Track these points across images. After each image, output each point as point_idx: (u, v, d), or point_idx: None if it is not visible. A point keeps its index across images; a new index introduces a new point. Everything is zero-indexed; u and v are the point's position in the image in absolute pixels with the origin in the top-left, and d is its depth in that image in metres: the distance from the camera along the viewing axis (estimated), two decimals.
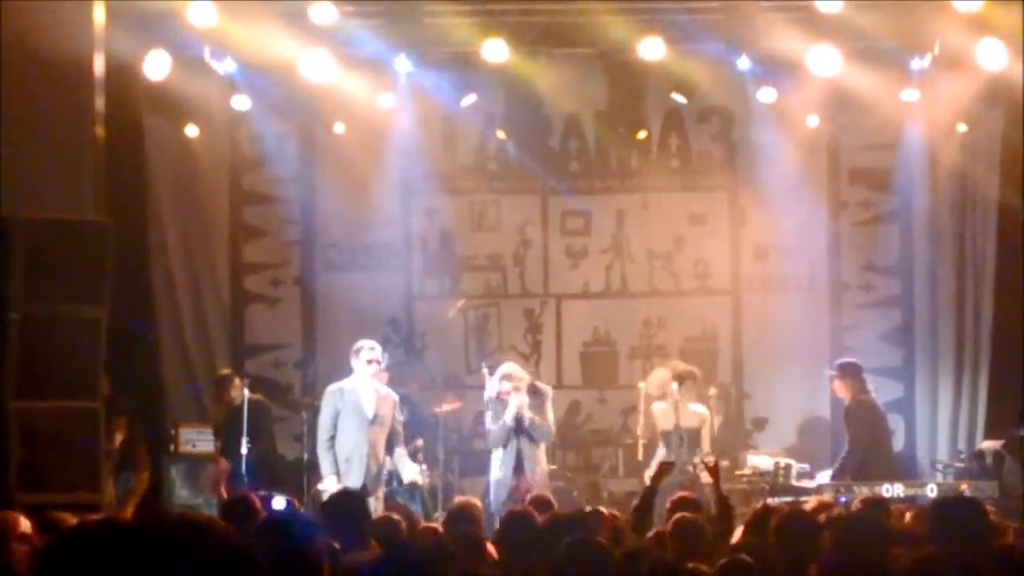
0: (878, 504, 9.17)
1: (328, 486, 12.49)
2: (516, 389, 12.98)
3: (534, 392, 13.09)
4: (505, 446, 12.97)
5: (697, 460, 12.99)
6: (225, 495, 13.41)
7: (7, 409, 11.33)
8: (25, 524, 7.49)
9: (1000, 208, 15.49)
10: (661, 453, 13.50)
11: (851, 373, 13.50)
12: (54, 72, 11.85)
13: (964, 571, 6.48)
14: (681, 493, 10.04)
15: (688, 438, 13.52)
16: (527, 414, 12.93)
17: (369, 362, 12.94)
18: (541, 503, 9.92)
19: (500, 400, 13.02)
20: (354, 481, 12.63)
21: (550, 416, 13.15)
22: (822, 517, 8.09)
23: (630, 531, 8.73)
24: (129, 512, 12.59)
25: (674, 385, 13.63)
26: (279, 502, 8.71)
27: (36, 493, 10.88)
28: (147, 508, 12.65)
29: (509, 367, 13.33)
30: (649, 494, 9.53)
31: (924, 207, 16.07)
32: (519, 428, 12.91)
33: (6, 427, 11.30)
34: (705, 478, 11.77)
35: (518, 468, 12.91)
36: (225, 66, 14.78)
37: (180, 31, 13.76)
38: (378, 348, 13.13)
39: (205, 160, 15.96)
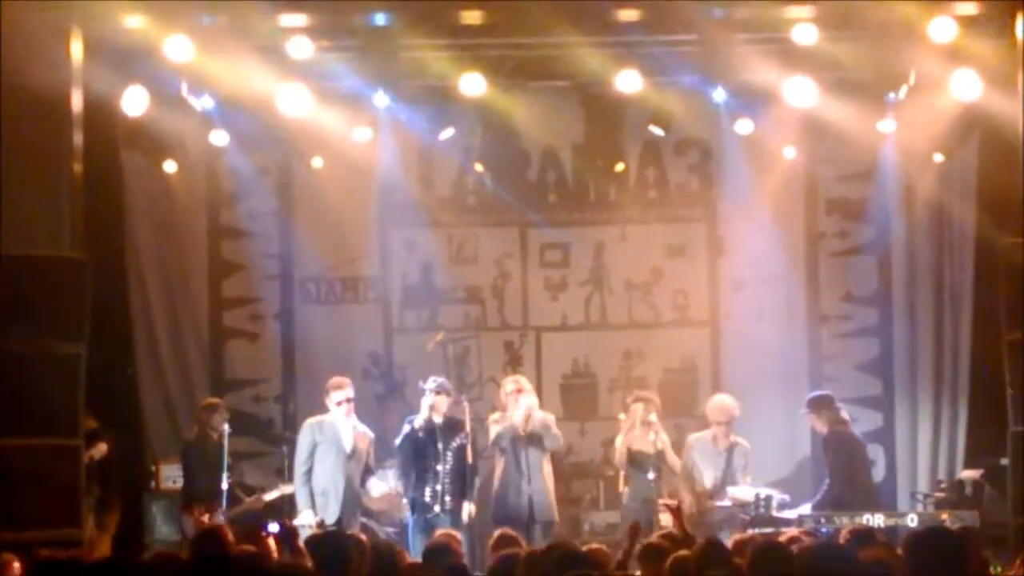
0: (866, 535, 9.10)
1: (304, 520, 12.48)
2: (522, 391, 13.13)
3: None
4: (508, 451, 13.08)
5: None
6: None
7: None
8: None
9: (977, 237, 15.55)
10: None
11: (823, 405, 13.51)
12: (32, 108, 11.87)
13: None
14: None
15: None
16: (537, 414, 13.03)
17: (339, 403, 12.98)
18: (506, 540, 9.56)
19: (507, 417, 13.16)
20: (331, 515, 12.66)
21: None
22: (794, 549, 8.03)
23: None
24: (104, 549, 12.54)
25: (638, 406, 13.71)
26: (273, 526, 8.76)
27: (16, 530, 10.85)
28: (124, 545, 12.59)
29: (513, 378, 13.65)
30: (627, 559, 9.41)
31: (901, 237, 16.12)
32: (527, 437, 12.98)
33: None
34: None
35: (520, 477, 12.97)
36: (202, 102, 14.75)
37: (157, 67, 13.73)
38: (348, 388, 13.11)
39: (183, 196, 15.94)
